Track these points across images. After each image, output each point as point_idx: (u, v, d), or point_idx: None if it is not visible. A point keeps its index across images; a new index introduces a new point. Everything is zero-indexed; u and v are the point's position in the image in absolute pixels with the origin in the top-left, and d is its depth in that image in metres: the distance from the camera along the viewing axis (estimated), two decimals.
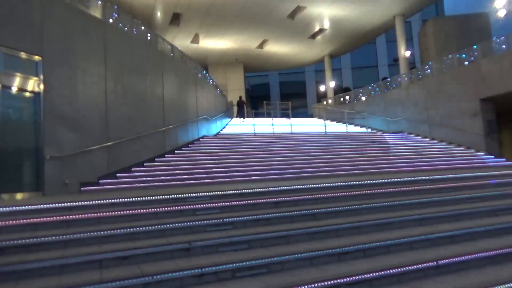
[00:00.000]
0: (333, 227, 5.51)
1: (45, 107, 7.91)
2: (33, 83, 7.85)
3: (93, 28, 9.33)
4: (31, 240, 4.56)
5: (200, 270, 4.10)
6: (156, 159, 10.83)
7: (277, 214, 5.84)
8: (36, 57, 7.88)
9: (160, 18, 21.04)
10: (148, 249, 4.53)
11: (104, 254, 4.35)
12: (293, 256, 4.55)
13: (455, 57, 16.21)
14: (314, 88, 38.82)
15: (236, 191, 6.73)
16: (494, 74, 13.99)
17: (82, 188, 8.35)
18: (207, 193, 6.43)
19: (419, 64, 27.77)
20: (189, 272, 4.06)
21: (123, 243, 4.74)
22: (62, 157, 8.08)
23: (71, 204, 5.72)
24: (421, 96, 17.40)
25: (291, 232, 5.24)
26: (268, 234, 5.13)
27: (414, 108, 17.79)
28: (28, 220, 5.08)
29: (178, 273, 4.03)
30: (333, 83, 30.35)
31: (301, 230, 5.31)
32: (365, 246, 4.91)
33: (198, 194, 6.35)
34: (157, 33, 14.32)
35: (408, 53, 22.35)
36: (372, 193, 7.11)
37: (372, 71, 39.36)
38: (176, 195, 6.30)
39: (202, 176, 9.83)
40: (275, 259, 4.46)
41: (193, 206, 5.95)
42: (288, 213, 5.89)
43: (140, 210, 5.69)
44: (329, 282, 4.01)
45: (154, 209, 5.76)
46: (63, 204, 5.69)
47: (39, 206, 5.49)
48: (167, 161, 10.96)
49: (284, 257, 4.50)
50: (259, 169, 10.67)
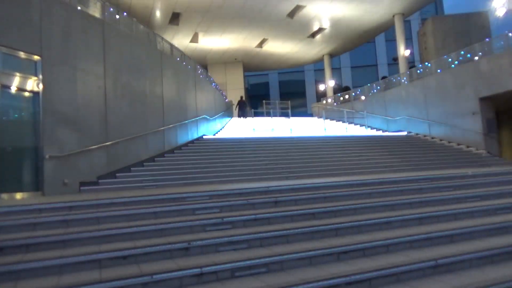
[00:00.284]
0: (333, 226, 5.51)
1: (44, 107, 7.90)
2: (32, 83, 7.84)
3: (92, 28, 9.31)
4: (30, 240, 4.57)
5: (199, 270, 4.10)
6: (156, 159, 10.82)
7: (277, 213, 5.85)
8: (35, 57, 7.87)
9: (159, 18, 21.03)
10: (148, 249, 4.53)
11: (104, 254, 4.35)
12: (293, 256, 4.55)
13: (455, 56, 16.22)
14: (314, 87, 38.80)
15: (236, 191, 6.73)
16: (494, 73, 14.00)
17: (82, 188, 8.35)
18: (207, 193, 6.43)
19: (419, 63, 27.75)
20: (188, 272, 4.06)
21: (123, 243, 4.74)
22: (62, 157, 8.07)
23: (71, 204, 5.72)
24: (421, 95, 17.41)
25: (291, 232, 5.24)
26: (268, 234, 5.13)
27: (414, 107, 17.80)
28: (28, 220, 5.08)
29: (177, 273, 4.03)
30: (333, 82, 30.36)
31: (301, 229, 5.31)
32: (365, 245, 4.92)
33: (198, 194, 6.35)
34: (156, 33, 14.31)
35: (408, 52, 22.34)
36: (372, 192, 7.11)
37: (372, 70, 39.35)
38: (176, 195, 6.30)
39: (202, 176, 9.84)
40: (275, 259, 4.46)
41: (193, 206, 5.95)
42: (288, 212, 5.90)
43: (140, 210, 5.69)
44: (329, 282, 4.02)
45: (154, 209, 5.76)
46: (63, 204, 5.69)
47: (39, 206, 5.49)
48: (167, 161, 10.96)
49: (284, 257, 4.51)
50: (259, 169, 10.69)
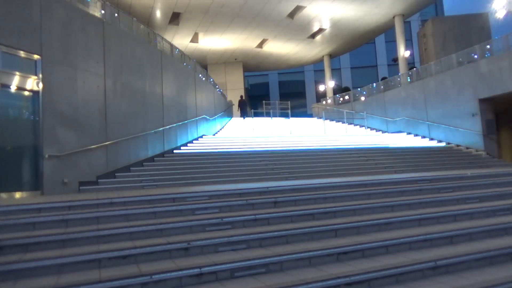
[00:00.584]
0: (332, 227, 5.51)
1: (44, 106, 7.90)
2: (32, 82, 7.83)
3: (92, 27, 9.31)
4: (30, 239, 4.56)
5: (199, 270, 4.09)
6: (155, 159, 10.82)
7: (276, 214, 5.85)
8: (35, 56, 7.86)
9: (160, 17, 21.03)
10: (147, 249, 4.52)
11: (103, 254, 4.34)
12: (292, 256, 4.55)
13: (454, 57, 16.24)
14: (314, 88, 38.83)
15: (235, 191, 6.73)
16: (493, 75, 14.01)
17: (81, 188, 8.34)
18: (206, 193, 6.43)
19: (418, 64, 27.78)
20: (188, 272, 4.05)
21: (122, 243, 4.73)
22: (61, 156, 8.07)
23: (70, 204, 5.71)
24: (420, 96, 17.41)
25: (290, 232, 5.24)
26: (267, 234, 5.13)
27: (413, 108, 17.80)
28: (27, 219, 5.08)
29: (177, 273, 4.02)
30: (333, 83, 30.37)
31: (300, 230, 5.30)
32: (364, 246, 4.92)
33: (197, 194, 6.34)
34: (157, 32, 14.31)
35: (408, 53, 22.36)
36: (371, 193, 7.11)
37: (372, 71, 39.36)
38: (175, 195, 6.29)
39: (201, 176, 9.83)
40: (274, 259, 4.45)
41: (192, 206, 5.95)
42: (287, 213, 5.90)
43: (139, 210, 5.69)
44: (328, 282, 4.01)
45: (153, 209, 5.75)
46: (62, 203, 5.69)
47: (38, 205, 5.49)
48: (166, 161, 10.95)
49: (283, 257, 4.50)
50: (259, 169, 10.68)
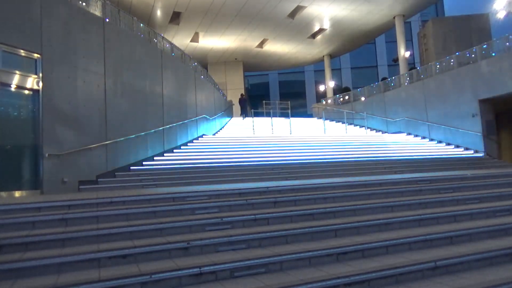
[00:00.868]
0: (332, 227, 5.50)
1: (44, 105, 7.89)
2: (32, 81, 7.83)
3: (93, 26, 9.31)
4: (29, 238, 4.55)
5: (199, 270, 4.09)
6: (155, 158, 10.81)
7: (276, 214, 5.84)
8: (35, 55, 7.86)
9: (160, 17, 21.02)
10: (147, 248, 4.52)
11: (103, 253, 4.33)
12: (292, 256, 4.54)
13: (455, 58, 16.24)
14: (314, 88, 38.83)
15: (235, 190, 6.73)
16: (494, 75, 14.01)
17: (81, 187, 8.34)
18: (206, 192, 6.42)
19: (419, 65, 27.76)
20: (188, 272, 4.05)
21: (122, 242, 4.72)
22: (61, 155, 8.06)
23: (70, 203, 5.70)
24: (421, 97, 17.41)
25: (290, 232, 5.23)
26: (267, 234, 5.12)
27: (414, 109, 17.80)
28: (26, 218, 5.07)
29: (177, 272, 4.02)
30: (333, 83, 30.37)
31: (300, 230, 5.30)
32: (364, 247, 4.91)
33: (197, 193, 6.34)
34: (157, 32, 14.30)
35: (408, 54, 22.37)
36: (371, 193, 7.11)
37: (372, 71, 39.37)
38: (175, 194, 6.29)
39: (201, 175, 9.84)
40: (274, 259, 4.45)
41: (192, 205, 5.94)
42: (287, 213, 5.89)
43: (139, 209, 5.68)
44: (328, 282, 4.00)
45: (153, 208, 5.75)
46: (62, 202, 5.68)
47: (37, 204, 5.48)
48: (166, 160, 10.95)
49: (283, 257, 4.49)
50: (258, 169, 10.68)
